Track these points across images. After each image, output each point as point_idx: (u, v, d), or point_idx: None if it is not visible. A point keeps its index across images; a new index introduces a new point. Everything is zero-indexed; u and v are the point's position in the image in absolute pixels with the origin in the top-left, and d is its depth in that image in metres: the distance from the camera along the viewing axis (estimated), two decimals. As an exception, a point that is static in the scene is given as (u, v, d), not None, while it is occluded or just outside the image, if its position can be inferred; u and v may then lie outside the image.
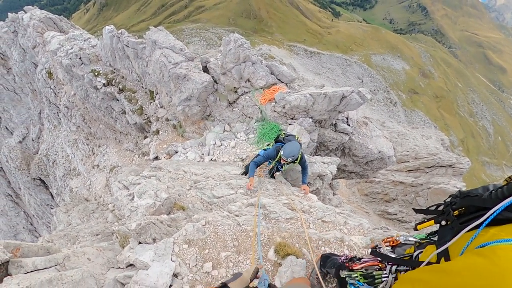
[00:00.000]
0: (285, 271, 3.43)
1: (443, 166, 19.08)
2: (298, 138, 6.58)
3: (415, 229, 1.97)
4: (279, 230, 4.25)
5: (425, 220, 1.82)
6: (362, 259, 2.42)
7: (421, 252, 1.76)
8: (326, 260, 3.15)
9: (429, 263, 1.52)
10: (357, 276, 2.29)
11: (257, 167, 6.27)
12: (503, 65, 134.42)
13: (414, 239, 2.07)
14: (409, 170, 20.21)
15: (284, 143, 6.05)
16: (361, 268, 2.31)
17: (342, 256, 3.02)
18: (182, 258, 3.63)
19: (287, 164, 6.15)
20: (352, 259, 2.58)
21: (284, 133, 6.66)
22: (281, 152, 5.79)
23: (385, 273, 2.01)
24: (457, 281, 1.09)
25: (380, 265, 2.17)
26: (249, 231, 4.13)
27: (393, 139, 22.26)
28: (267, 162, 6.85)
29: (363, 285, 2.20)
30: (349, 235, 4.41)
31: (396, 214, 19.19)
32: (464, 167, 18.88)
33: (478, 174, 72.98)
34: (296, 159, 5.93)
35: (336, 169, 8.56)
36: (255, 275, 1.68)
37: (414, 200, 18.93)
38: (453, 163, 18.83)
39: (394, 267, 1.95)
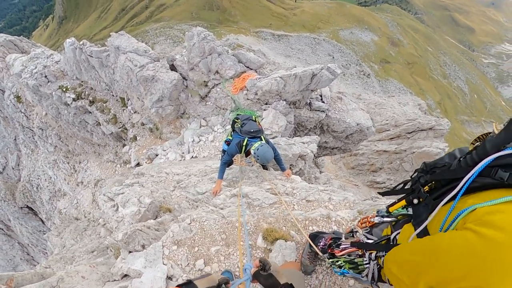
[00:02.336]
0: (276, 256, 3.45)
1: (424, 130, 19.46)
2: (255, 117, 6.01)
3: (387, 211, 1.93)
4: (264, 216, 4.25)
5: (396, 201, 1.77)
6: (341, 246, 2.36)
7: (399, 233, 1.70)
8: (314, 239, 3.15)
9: None
10: (341, 263, 2.26)
11: (228, 165, 5.82)
12: (471, 25, 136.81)
13: (390, 219, 1.99)
14: (391, 138, 20.55)
15: (241, 135, 5.44)
16: (343, 255, 2.27)
17: (329, 234, 3.02)
18: (173, 260, 3.61)
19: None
20: (331, 245, 2.55)
21: (239, 121, 5.80)
22: (256, 157, 5.04)
23: (366, 260, 1.97)
24: (445, 260, 1.05)
25: (360, 251, 2.12)
26: (235, 222, 4.12)
27: (370, 110, 22.53)
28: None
29: (348, 273, 2.18)
30: (335, 211, 4.44)
31: (384, 183, 19.55)
32: (444, 128, 19.30)
33: (459, 133, 74.77)
34: None
35: (317, 147, 8.61)
36: (224, 281, 1.64)
37: (400, 166, 19.30)
38: (433, 126, 19.22)
39: (373, 254, 1.91)
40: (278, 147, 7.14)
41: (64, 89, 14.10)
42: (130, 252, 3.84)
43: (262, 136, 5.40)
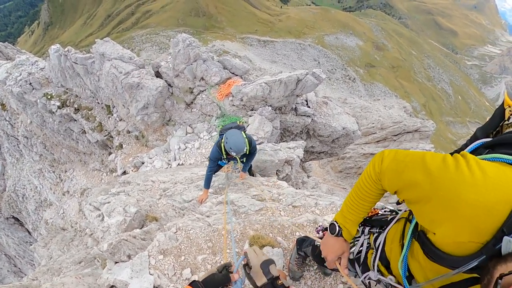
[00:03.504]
0: (263, 263, 3.44)
1: (410, 132, 19.74)
2: (240, 121, 5.92)
3: (398, 202, 1.97)
4: (251, 223, 4.25)
5: None
6: None
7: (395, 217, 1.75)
8: (302, 243, 3.16)
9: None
10: None
11: (214, 173, 5.59)
12: (454, 29, 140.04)
13: (393, 208, 2.03)
14: (377, 141, 20.76)
15: (221, 133, 5.32)
16: None
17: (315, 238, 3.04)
18: (159, 269, 3.58)
19: (241, 157, 5.34)
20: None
21: (222, 126, 5.80)
22: (227, 148, 4.75)
23: (358, 236, 2.00)
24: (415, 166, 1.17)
25: None
26: (221, 230, 4.10)
27: (356, 113, 22.80)
28: (232, 163, 6.44)
29: None
30: (322, 216, 4.46)
31: (371, 185, 19.68)
32: (429, 129, 19.62)
33: (444, 134, 76.08)
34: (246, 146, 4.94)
35: (304, 152, 8.67)
36: (223, 267, 1.68)
37: (387, 169, 19.46)
38: (419, 128, 19.52)
39: (367, 229, 1.95)
40: (264, 153, 7.16)
41: (49, 97, 13.91)
42: (116, 262, 3.80)
43: (242, 132, 5.03)
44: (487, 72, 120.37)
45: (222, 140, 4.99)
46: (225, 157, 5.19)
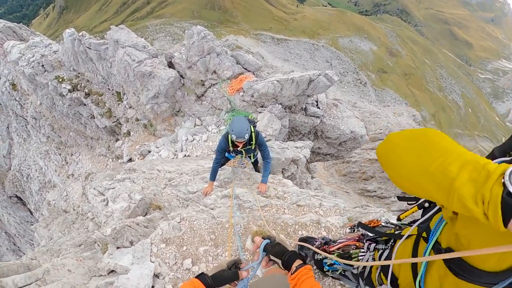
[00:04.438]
0: (265, 259, 3.44)
1: (417, 141, 19.55)
2: (250, 117, 5.85)
3: (398, 219, 1.95)
4: (255, 218, 4.26)
5: (408, 209, 1.81)
6: (338, 241, 2.40)
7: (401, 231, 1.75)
8: (303, 247, 3.16)
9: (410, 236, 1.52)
10: (332, 261, 2.30)
11: (220, 166, 5.54)
12: (469, 40, 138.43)
13: (396, 223, 2.02)
14: (384, 148, 20.60)
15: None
16: (337, 249, 2.31)
17: (318, 239, 3.03)
18: (161, 257, 3.60)
19: (245, 149, 5.22)
20: (328, 243, 2.58)
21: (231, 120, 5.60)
22: (232, 136, 4.66)
23: (363, 251, 2.02)
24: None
25: (358, 244, 2.18)
26: (225, 223, 4.12)
27: (365, 118, 22.66)
28: (238, 158, 6.41)
29: (339, 264, 2.21)
30: (325, 217, 4.45)
31: (375, 191, 19.63)
32: (437, 140, 19.43)
33: (451, 146, 75.28)
34: (252, 139, 4.98)
35: (310, 153, 8.64)
36: (233, 263, 1.67)
37: (391, 176, 19.35)
38: (426, 137, 19.32)
39: (372, 245, 1.94)
40: (271, 151, 7.13)
41: (60, 80, 13.98)
42: (118, 248, 3.82)
43: (251, 126, 4.91)
44: (499, 87, 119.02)
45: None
46: (231, 148, 5.11)
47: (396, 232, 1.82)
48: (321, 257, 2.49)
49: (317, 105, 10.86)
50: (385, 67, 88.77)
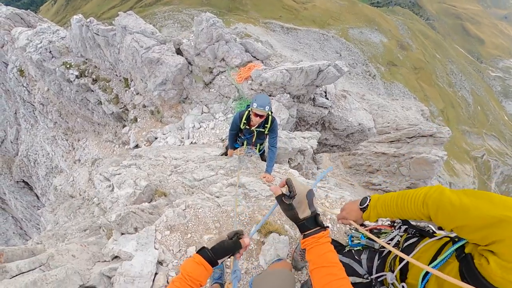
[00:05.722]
0: (269, 249, 3.41)
1: (424, 136, 19.45)
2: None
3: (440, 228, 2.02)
4: (260, 208, 4.22)
5: None
6: (371, 224, 2.44)
7: None
8: None
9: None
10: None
11: (236, 135, 5.61)
12: (481, 36, 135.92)
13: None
14: (390, 141, 20.52)
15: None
16: (369, 230, 2.32)
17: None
18: (165, 245, 3.57)
19: (257, 130, 5.20)
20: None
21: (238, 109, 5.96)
22: (253, 105, 4.60)
23: (394, 231, 2.04)
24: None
25: (389, 229, 2.21)
26: (230, 211, 4.08)
27: (373, 111, 22.47)
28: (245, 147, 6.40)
29: (364, 238, 2.25)
30: (331, 208, 4.40)
31: (380, 185, 19.59)
32: (444, 136, 19.28)
33: (459, 143, 74.71)
34: (267, 122, 5.01)
35: (317, 143, 8.57)
36: (234, 234, 1.61)
37: (397, 170, 19.30)
38: (434, 133, 19.20)
39: (404, 227, 1.97)
40: (278, 140, 7.07)
41: (68, 66, 13.98)
42: (122, 234, 3.80)
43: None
44: (510, 86, 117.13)
45: (246, 112, 4.99)
46: (242, 127, 5.16)
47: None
48: (352, 233, 2.51)
49: (325, 95, 10.75)
50: (395, 60, 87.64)
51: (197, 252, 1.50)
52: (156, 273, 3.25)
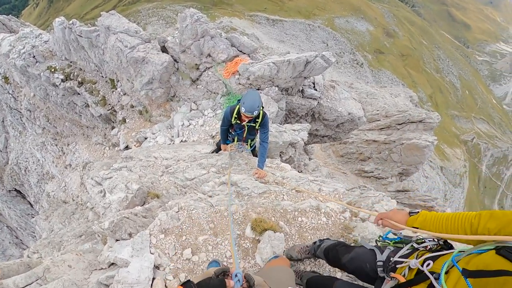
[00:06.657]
0: (264, 247, 3.40)
1: (414, 122, 19.62)
2: None
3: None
4: (253, 206, 4.19)
5: None
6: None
7: None
8: (318, 248, 3.05)
9: None
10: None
11: (227, 131, 5.61)
12: (467, 22, 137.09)
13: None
14: (381, 128, 20.66)
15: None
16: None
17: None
18: (160, 248, 3.54)
19: (248, 125, 5.18)
20: None
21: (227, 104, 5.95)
22: (242, 108, 4.58)
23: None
24: None
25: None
26: (223, 211, 4.05)
27: (362, 99, 22.58)
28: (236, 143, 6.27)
29: (399, 239, 2.32)
30: (324, 202, 4.39)
31: (372, 172, 19.74)
32: (434, 121, 19.48)
33: (448, 128, 75.63)
34: (258, 117, 4.98)
35: (308, 135, 8.58)
36: (221, 271, 1.62)
37: (389, 157, 19.47)
38: (423, 119, 19.37)
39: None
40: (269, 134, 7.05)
41: (53, 70, 13.78)
42: (117, 240, 3.76)
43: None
44: (497, 70, 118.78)
45: (237, 107, 4.91)
46: (233, 121, 5.11)
47: None
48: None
49: (314, 87, 10.74)
50: (382, 48, 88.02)
51: (181, 285, 1.50)
52: (153, 278, 3.21)
